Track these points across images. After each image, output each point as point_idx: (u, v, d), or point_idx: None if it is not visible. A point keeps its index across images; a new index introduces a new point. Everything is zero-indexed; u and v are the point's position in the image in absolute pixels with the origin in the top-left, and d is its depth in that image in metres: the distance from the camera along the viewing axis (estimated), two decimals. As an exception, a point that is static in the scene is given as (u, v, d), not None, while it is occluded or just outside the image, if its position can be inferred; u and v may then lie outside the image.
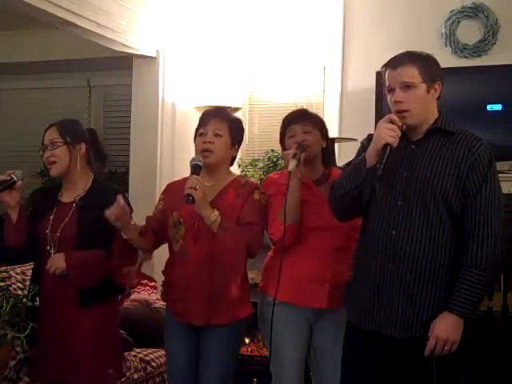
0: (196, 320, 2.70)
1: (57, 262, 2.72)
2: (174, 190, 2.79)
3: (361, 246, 2.50)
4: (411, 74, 2.31)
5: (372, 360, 2.39)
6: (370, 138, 2.45)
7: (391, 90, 2.35)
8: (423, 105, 2.33)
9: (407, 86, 2.31)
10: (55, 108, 5.70)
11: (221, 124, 2.74)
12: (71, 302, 2.76)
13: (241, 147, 2.92)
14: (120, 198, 2.58)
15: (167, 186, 2.93)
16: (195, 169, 2.62)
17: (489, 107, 4.20)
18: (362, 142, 2.55)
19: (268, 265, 2.93)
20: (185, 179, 2.69)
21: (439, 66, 2.42)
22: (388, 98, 2.39)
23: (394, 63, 2.36)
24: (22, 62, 5.72)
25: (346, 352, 2.52)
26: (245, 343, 4.37)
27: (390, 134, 2.25)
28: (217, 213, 2.58)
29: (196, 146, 2.77)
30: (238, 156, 3.13)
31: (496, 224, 2.27)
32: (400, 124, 2.28)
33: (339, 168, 2.96)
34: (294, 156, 2.71)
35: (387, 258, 2.34)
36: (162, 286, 2.89)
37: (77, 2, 3.92)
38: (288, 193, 2.67)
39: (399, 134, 2.27)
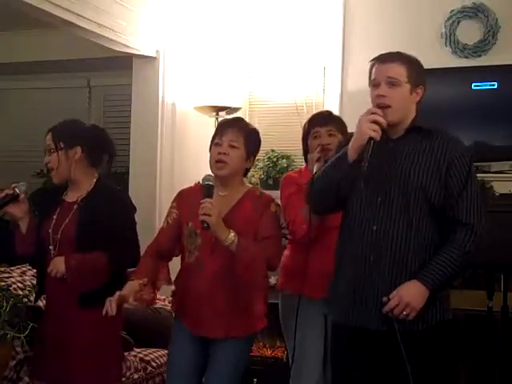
0: (212, 334, 2.69)
1: (57, 265, 2.71)
2: (188, 198, 2.76)
3: (341, 243, 2.51)
4: (399, 71, 2.35)
5: (358, 356, 2.41)
6: (349, 136, 2.48)
7: (376, 85, 2.37)
8: (404, 104, 2.37)
9: (392, 83, 2.34)
10: (55, 108, 5.68)
11: (237, 135, 2.70)
12: (72, 303, 2.75)
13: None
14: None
15: (179, 192, 2.86)
16: (207, 190, 2.59)
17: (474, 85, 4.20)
18: (339, 141, 2.60)
19: (286, 262, 2.95)
20: (196, 187, 2.71)
21: (424, 71, 2.46)
22: (370, 93, 2.41)
23: (383, 58, 2.41)
24: (22, 62, 5.71)
25: (333, 351, 2.55)
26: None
27: (372, 127, 2.27)
28: (233, 234, 2.55)
29: (211, 156, 2.74)
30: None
31: (484, 216, 2.36)
32: (381, 114, 2.30)
33: None
34: (319, 159, 2.76)
35: (369, 251, 2.37)
36: (171, 296, 2.87)
37: (77, 2, 3.92)
38: None
39: (384, 124, 2.29)
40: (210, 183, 2.61)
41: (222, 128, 2.76)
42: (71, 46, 5.29)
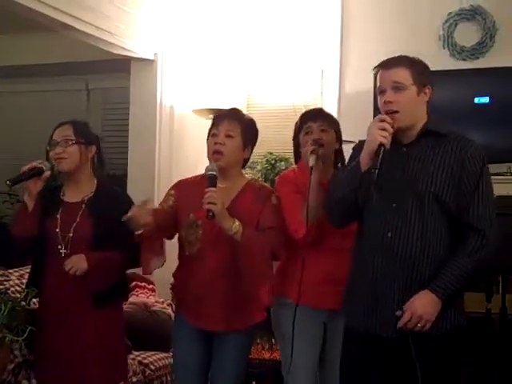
0: (213, 326, 2.68)
1: (78, 262, 2.68)
2: (187, 188, 2.75)
3: (357, 251, 2.51)
4: (403, 75, 2.34)
5: (371, 362, 2.40)
6: (361, 144, 2.48)
7: (382, 92, 2.37)
8: (412, 107, 2.36)
9: (398, 88, 2.33)
10: (53, 111, 5.67)
11: (233, 125, 2.70)
12: (78, 302, 2.74)
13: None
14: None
15: (178, 182, 2.85)
16: (211, 179, 2.58)
17: (476, 100, 4.24)
18: (352, 148, 2.57)
19: (283, 266, 2.89)
20: (196, 178, 2.70)
21: (430, 71, 2.45)
22: (378, 100, 2.40)
23: (386, 64, 2.39)
24: (20, 65, 5.72)
25: (345, 356, 2.51)
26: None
27: (382, 134, 2.27)
28: (237, 223, 2.55)
29: (208, 147, 2.74)
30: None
31: (495, 219, 2.35)
32: (391, 121, 2.29)
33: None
34: (313, 151, 2.71)
35: (384, 260, 2.36)
36: (171, 289, 2.86)
37: (75, 5, 3.92)
38: (310, 188, 2.67)
39: (391, 131, 2.28)
40: (214, 173, 2.59)
41: (218, 119, 2.76)
42: (70, 48, 5.29)
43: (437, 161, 2.35)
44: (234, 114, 2.77)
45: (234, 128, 2.69)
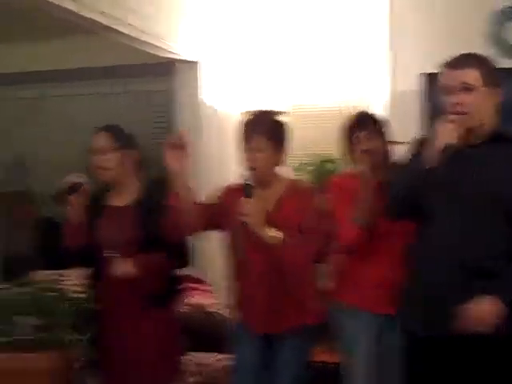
0: (258, 329, 2.73)
1: (125, 266, 2.71)
2: (232, 194, 2.79)
3: (417, 252, 2.47)
4: (473, 76, 2.28)
5: (435, 364, 2.37)
6: (421, 140, 2.47)
7: (450, 92, 2.31)
8: (482, 109, 2.31)
9: (467, 89, 2.28)
10: (94, 114, 5.69)
11: (260, 139, 2.72)
12: (134, 305, 2.76)
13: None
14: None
15: (226, 187, 2.92)
16: (247, 189, 2.63)
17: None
18: (412, 144, 2.55)
19: (340, 271, 2.92)
20: (241, 186, 2.72)
21: (497, 70, 2.40)
22: (444, 99, 2.35)
23: (455, 63, 2.33)
24: (65, 69, 5.75)
25: (407, 361, 2.49)
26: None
27: (450, 134, 2.22)
28: (275, 233, 2.58)
29: (243, 162, 2.79)
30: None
31: None
32: (460, 123, 2.26)
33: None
34: (362, 159, 2.76)
35: (447, 259, 2.32)
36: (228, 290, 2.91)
37: (119, 8, 3.92)
38: (361, 194, 2.68)
39: (460, 132, 2.25)
40: (249, 182, 2.65)
41: (246, 133, 2.78)
42: (110, 52, 5.30)
43: (503, 165, 2.30)
44: (259, 126, 2.77)
45: (261, 142, 2.72)
